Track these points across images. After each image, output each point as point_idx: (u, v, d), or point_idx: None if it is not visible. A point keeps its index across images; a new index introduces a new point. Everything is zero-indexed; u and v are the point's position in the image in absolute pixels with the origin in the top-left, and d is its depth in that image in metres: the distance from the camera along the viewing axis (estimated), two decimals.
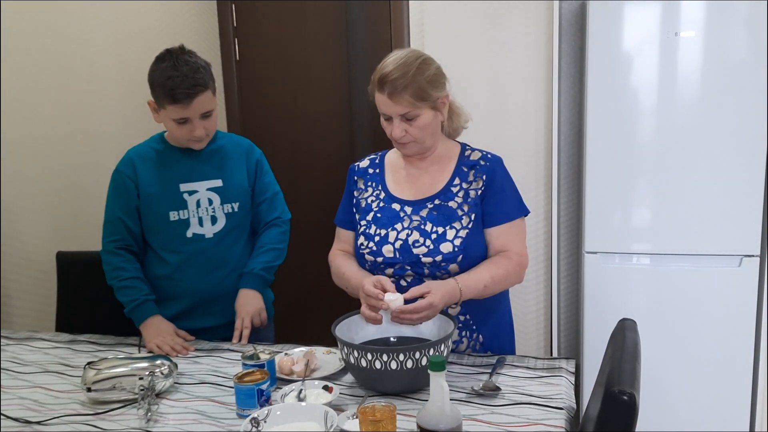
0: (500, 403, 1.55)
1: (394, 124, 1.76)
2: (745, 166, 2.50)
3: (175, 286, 2.11)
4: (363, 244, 1.84)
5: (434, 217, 1.80)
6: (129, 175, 2.08)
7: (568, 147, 2.99)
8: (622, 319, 1.69)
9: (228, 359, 1.90)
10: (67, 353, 1.99)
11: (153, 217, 2.08)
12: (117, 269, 2.08)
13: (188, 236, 2.09)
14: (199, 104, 1.96)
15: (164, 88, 1.93)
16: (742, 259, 2.56)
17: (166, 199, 2.07)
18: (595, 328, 2.72)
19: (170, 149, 2.11)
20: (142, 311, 2.04)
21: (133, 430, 1.51)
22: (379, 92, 1.74)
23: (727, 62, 2.46)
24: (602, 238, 2.68)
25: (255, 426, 1.42)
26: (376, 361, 1.52)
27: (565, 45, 2.91)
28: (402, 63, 1.73)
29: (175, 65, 1.93)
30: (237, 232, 2.15)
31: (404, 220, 1.82)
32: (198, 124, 1.99)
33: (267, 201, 2.21)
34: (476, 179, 1.83)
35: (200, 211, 2.09)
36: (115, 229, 2.09)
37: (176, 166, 2.09)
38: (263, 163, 2.23)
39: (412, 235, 1.79)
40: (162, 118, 2.02)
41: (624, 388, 1.29)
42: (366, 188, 1.93)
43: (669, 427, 2.68)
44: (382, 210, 1.86)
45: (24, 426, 1.55)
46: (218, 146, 2.14)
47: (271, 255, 2.17)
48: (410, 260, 1.78)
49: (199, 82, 1.94)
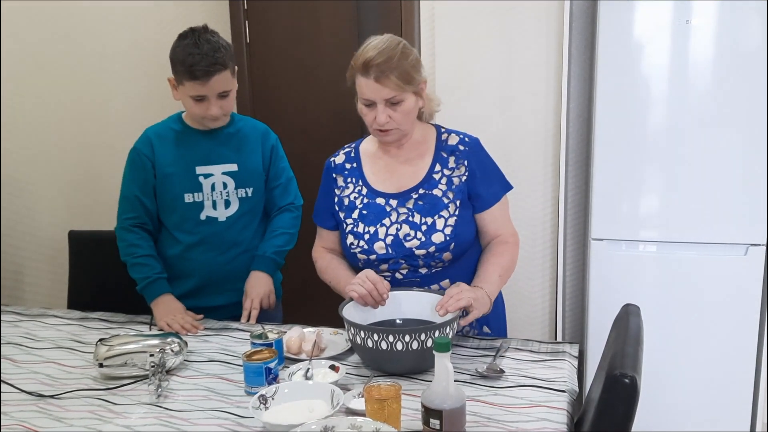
0: (504, 385, 1.57)
1: (378, 110, 1.74)
2: (754, 155, 2.50)
3: (186, 265, 2.14)
4: (353, 244, 1.83)
5: (421, 208, 1.81)
6: (146, 154, 2.10)
7: (577, 134, 2.99)
8: (626, 305, 1.70)
9: (237, 338, 1.93)
10: (79, 330, 2.02)
11: (168, 198, 2.11)
12: (131, 246, 2.11)
13: (202, 218, 2.11)
14: (216, 83, 1.98)
15: (184, 65, 1.96)
16: (749, 248, 2.56)
17: (182, 180, 2.09)
18: (600, 315, 2.73)
19: (188, 130, 2.13)
20: (154, 289, 2.07)
21: (143, 405, 1.55)
22: (363, 77, 1.73)
23: (738, 50, 2.45)
24: (609, 225, 2.69)
25: (263, 403, 1.45)
26: (382, 342, 1.54)
27: (575, 32, 2.90)
28: (386, 47, 1.72)
29: (196, 43, 1.96)
30: (250, 215, 2.18)
31: (391, 214, 1.82)
32: (214, 103, 2.01)
33: (281, 186, 2.23)
34: (458, 165, 1.83)
35: (214, 194, 2.11)
36: (131, 206, 2.12)
37: (193, 147, 2.11)
38: (278, 148, 2.24)
39: (402, 229, 1.80)
40: (180, 95, 2.04)
41: (626, 371, 1.31)
42: (346, 185, 1.90)
43: (671, 414, 2.70)
44: (367, 206, 1.85)
45: (38, 399, 1.59)
46: (236, 130, 2.16)
47: (283, 239, 2.20)
48: (404, 254, 1.79)
49: (218, 61, 1.96)
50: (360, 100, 1.78)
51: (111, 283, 2.29)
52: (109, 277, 2.32)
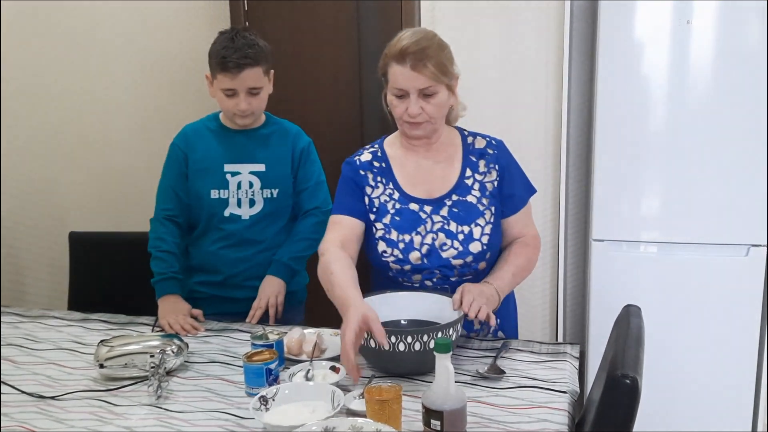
0: (504, 386, 1.57)
1: (411, 101, 1.69)
2: (754, 155, 2.50)
3: (207, 257, 2.19)
4: (386, 252, 1.77)
5: (456, 215, 1.77)
6: (182, 147, 2.18)
7: (578, 135, 2.99)
8: (627, 305, 1.70)
9: (237, 339, 1.93)
10: (80, 331, 2.02)
11: (195, 192, 2.16)
12: (158, 239, 2.16)
13: (225, 215, 2.15)
14: (246, 77, 2.03)
15: (217, 57, 2.02)
16: (749, 249, 2.56)
17: (211, 176, 2.15)
18: (601, 316, 2.72)
19: (222, 128, 2.18)
20: (165, 286, 2.10)
21: (144, 406, 1.55)
22: (399, 65, 1.67)
23: (738, 51, 2.45)
24: (610, 226, 2.69)
25: (263, 404, 1.45)
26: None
27: (576, 32, 2.90)
28: (423, 37, 1.68)
29: (232, 38, 2.03)
30: (273, 216, 2.20)
31: (426, 222, 1.77)
32: (243, 98, 2.05)
33: (309, 190, 2.24)
34: (489, 170, 1.81)
35: (240, 192, 2.15)
36: (168, 198, 2.19)
37: (225, 145, 2.16)
38: (310, 151, 2.26)
39: (438, 238, 1.75)
40: (214, 90, 2.09)
41: (626, 372, 1.30)
42: (376, 185, 1.83)
43: (671, 414, 2.70)
44: (400, 212, 1.79)
45: (38, 401, 1.58)
46: (269, 131, 2.20)
47: (303, 245, 2.20)
48: (440, 264, 1.75)
49: (249, 55, 2.01)
50: (391, 90, 1.72)
51: (111, 285, 2.30)
52: (109, 279, 2.33)
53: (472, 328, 1.85)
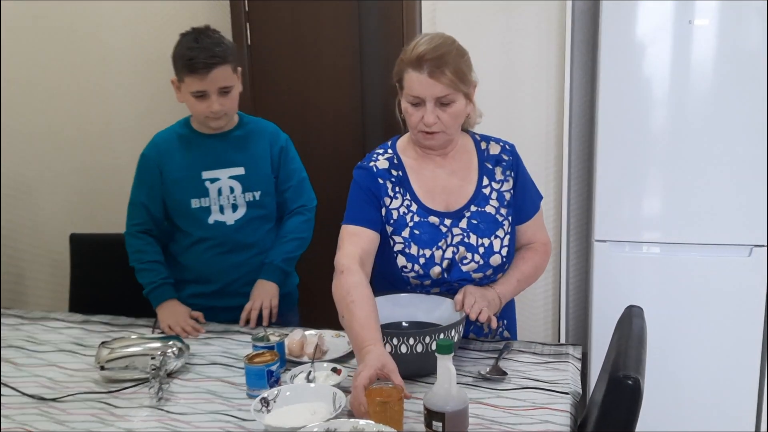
0: (506, 387, 1.57)
1: (427, 109, 1.62)
2: (756, 156, 2.49)
3: (200, 267, 2.14)
4: (406, 267, 1.72)
5: (476, 228, 1.73)
6: (154, 159, 2.11)
7: (580, 135, 2.99)
8: (629, 306, 1.70)
9: (238, 341, 1.92)
10: (81, 333, 2.02)
11: (176, 203, 2.11)
12: (138, 252, 2.12)
13: (210, 223, 2.11)
14: (216, 77, 1.96)
15: (183, 59, 1.96)
16: (752, 249, 2.55)
17: (189, 186, 2.09)
18: (603, 317, 2.72)
19: (194, 134, 2.12)
20: (159, 294, 2.07)
21: (145, 407, 1.55)
22: (415, 71, 1.60)
23: (740, 51, 2.45)
24: (612, 226, 2.68)
25: (264, 405, 1.44)
26: (386, 344, 1.53)
27: (578, 32, 2.90)
28: (441, 42, 1.61)
29: (196, 38, 1.97)
30: (260, 219, 2.16)
31: (447, 236, 1.72)
32: (215, 99, 1.99)
33: (292, 188, 2.20)
34: (506, 178, 1.77)
35: (221, 199, 2.10)
36: (138, 212, 2.13)
37: (199, 152, 2.10)
38: (288, 149, 2.21)
39: (458, 252, 1.72)
40: (183, 94, 2.03)
41: (629, 373, 1.30)
42: (395, 195, 1.74)
43: (674, 415, 2.69)
44: (420, 225, 1.73)
45: (39, 402, 1.58)
46: (243, 132, 2.15)
47: (293, 245, 2.17)
48: (459, 278, 1.72)
49: (217, 54, 1.95)
50: (406, 97, 1.66)
51: (113, 286, 2.29)
52: (110, 280, 2.32)
53: (481, 332, 1.85)
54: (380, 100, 3.12)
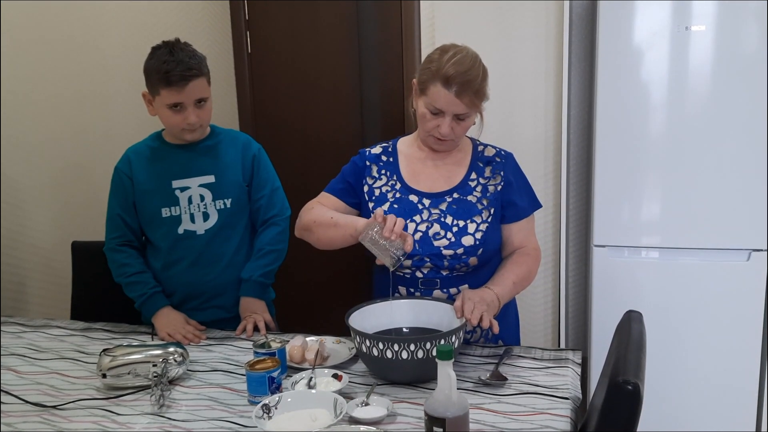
0: (507, 392, 1.57)
1: (445, 121, 1.76)
2: (755, 160, 2.50)
3: (168, 281, 2.13)
4: None
5: (454, 211, 1.82)
6: (126, 172, 2.12)
7: (578, 140, 2.99)
8: (629, 311, 1.70)
9: (239, 348, 1.93)
10: (82, 340, 2.02)
11: (147, 214, 2.11)
12: (122, 266, 2.12)
13: (180, 232, 2.10)
14: (193, 89, 1.98)
15: (159, 72, 1.96)
16: (751, 254, 2.56)
17: (159, 195, 2.09)
18: (602, 321, 2.72)
19: (165, 146, 2.13)
20: (152, 304, 2.07)
21: (146, 415, 1.55)
22: (444, 87, 1.73)
23: (737, 57, 2.46)
24: (611, 231, 2.69)
25: (266, 412, 1.45)
26: (388, 351, 1.54)
27: (575, 38, 2.91)
28: (471, 67, 1.75)
29: (171, 51, 1.97)
30: (230, 228, 2.14)
31: (423, 213, 1.83)
32: (192, 111, 2.00)
33: (265, 197, 2.19)
34: (494, 175, 1.87)
35: (191, 207, 2.10)
36: (116, 226, 2.14)
37: (169, 162, 2.11)
38: (261, 158, 2.20)
39: (432, 228, 1.80)
40: (156, 107, 2.03)
41: (628, 378, 1.30)
42: (379, 176, 1.91)
43: (674, 420, 2.69)
44: (399, 201, 1.86)
45: (41, 410, 1.59)
46: (214, 142, 2.15)
47: (270, 258, 2.16)
48: (430, 252, 1.79)
49: (193, 66, 1.97)
50: (427, 105, 1.78)
51: (114, 294, 2.29)
52: (112, 288, 2.32)
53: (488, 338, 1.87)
54: (379, 99, 3.13)
